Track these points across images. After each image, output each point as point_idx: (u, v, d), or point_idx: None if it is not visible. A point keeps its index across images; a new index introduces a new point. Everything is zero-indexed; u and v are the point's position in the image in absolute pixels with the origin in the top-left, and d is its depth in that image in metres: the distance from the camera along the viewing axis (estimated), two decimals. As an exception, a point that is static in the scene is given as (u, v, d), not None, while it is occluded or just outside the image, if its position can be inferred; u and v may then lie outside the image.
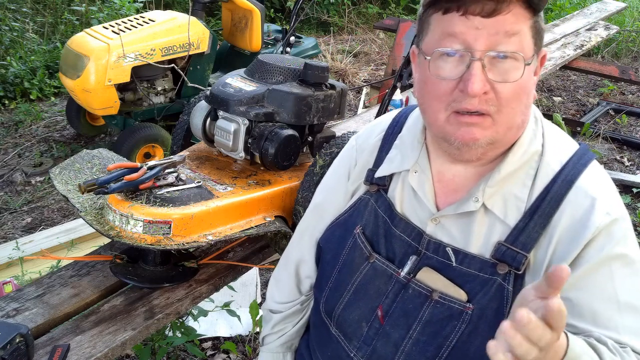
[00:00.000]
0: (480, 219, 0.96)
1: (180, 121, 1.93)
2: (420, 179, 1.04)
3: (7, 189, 3.69)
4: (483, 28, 0.85)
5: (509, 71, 0.87)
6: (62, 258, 2.44)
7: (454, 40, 0.88)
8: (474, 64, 0.86)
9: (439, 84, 0.90)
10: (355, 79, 5.67)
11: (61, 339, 1.31)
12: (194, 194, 1.48)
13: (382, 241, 1.07)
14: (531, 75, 0.91)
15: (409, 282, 1.01)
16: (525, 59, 0.87)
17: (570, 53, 3.97)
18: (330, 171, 1.27)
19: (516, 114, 0.91)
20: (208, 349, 2.45)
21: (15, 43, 5.31)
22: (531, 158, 0.96)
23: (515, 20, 0.86)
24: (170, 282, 1.52)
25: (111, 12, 5.35)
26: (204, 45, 3.80)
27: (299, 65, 1.69)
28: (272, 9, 7.14)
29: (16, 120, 4.53)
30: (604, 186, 0.95)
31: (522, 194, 0.95)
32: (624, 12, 6.47)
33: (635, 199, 3.75)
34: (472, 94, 0.86)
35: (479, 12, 0.85)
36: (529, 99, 0.92)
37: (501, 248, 0.93)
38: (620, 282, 0.88)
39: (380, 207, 1.09)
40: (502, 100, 0.88)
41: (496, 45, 0.86)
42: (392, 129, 1.15)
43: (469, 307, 0.94)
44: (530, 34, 0.88)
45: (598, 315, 0.88)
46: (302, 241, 1.27)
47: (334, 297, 1.11)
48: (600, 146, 4.46)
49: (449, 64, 0.89)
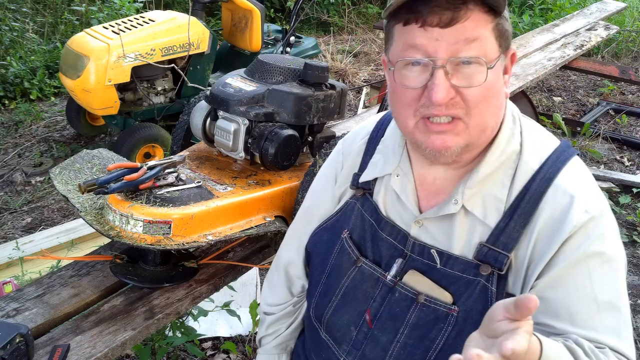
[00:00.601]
0: (461, 221, 0.96)
1: (180, 121, 1.93)
2: (403, 183, 1.04)
3: (7, 189, 3.69)
4: (442, 39, 0.86)
5: (472, 75, 0.87)
6: (62, 258, 2.44)
7: (415, 51, 0.89)
8: (437, 72, 0.87)
9: (406, 92, 0.92)
10: (355, 79, 5.67)
11: (61, 339, 1.31)
12: (194, 194, 1.48)
13: (369, 245, 1.07)
14: (499, 76, 0.91)
15: (395, 285, 1.01)
16: (488, 63, 0.87)
17: (570, 53, 3.97)
18: (319, 175, 1.27)
19: (487, 116, 0.91)
20: (208, 349, 2.45)
21: (15, 43, 5.31)
22: (509, 158, 0.96)
23: (474, 26, 0.86)
24: (170, 282, 1.52)
25: (111, 12, 5.35)
26: (204, 45, 3.80)
27: (299, 65, 1.69)
28: (272, 9, 7.13)
29: (16, 120, 4.53)
30: (583, 183, 0.94)
31: (501, 194, 0.95)
32: (624, 12, 6.46)
33: (635, 199, 3.75)
34: (437, 102, 0.87)
35: (437, 23, 0.86)
36: (499, 99, 0.93)
37: (483, 249, 0.93)
38: (598, 280, 0.88)
39: (366, 211, 1.09)
40: (469, 103, 0.88)
41: (457, 52, 0.87)
42: (376, 133, 1.15)
43: (454, 310, 0.94)
44: (493, 37, 0.89)
45: (575, 315, 0.88)
46: (292, 244, 1.28)
47: (323, 302, 1.11)
48: (600, 146, 4.46)
49: (413, 72, 0.90)
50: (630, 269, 3.10)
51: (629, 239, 3.33)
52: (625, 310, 0.89)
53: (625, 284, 0.92)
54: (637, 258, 3.20)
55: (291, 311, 1.30)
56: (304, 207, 1.28)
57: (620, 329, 0.88)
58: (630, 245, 3.29)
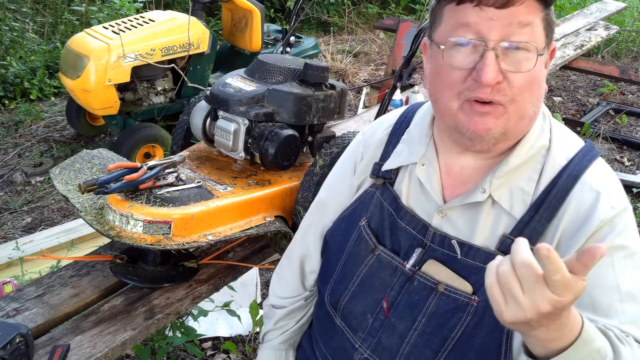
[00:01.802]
0: (487, 211, 0.97)
1: (180, 121, 1.93)
2: (428, 172, 1.04)
3: (7, 189, 3.68)
4: (496, 19, 0.87)
5: (521, 61, 0.88)
6: (62, 258, 2.44)
7: (467, 30, 0.89)
8: (488, 53, 0.87)
9: (452, 72, 0.91)
10: (355, 79, 5.66)
11: (61, 339, 1.31)
12: (194, 194, 1.48)
13: (388, 233, 1.08)
14: (542, 67, 0.92)
15: (414, 274, 1.01)
16: (537, 50, 0.89)
17: (570, 53, 3.97)
18: (336, 167, 1.28)
19: (528, 105, 0.92)
20: (208, 349, 2.45)
21: (15, 43, 5.31)
22: (538, 152, 0.97)
23: (527, 11, 0.87)
24: (170, 282, 1.52)
25: (111, 12, 5.34)
26: (204, 45, 3.80)
27: (299, 65, 1.69)
28: (272, 9, 7.13)
29: (16, 120, 4.53)
30: (608, 181, 0.96)
31: (528, 187, 0.95)
32: (624, 12, 6.47)
33: (635, 199, 3.75)
34: (486, 83, 0.87)
35: (493, 3, 0.86)
36: (540, 90, 0.93)
37: (506, 241, 0.94)
38: (621, 272, 0.89)
39: (385, 200, 1.10)
40: (514, 89, 0.89)
41: (509, 36, 0.87)
42: (400, 124, 1.16)
43: (474, 300, 0.95)
44: (542, 26, 0.90)
45: (598, 303, 0.88)
46: (307, 237, 1.28)
47: (339, 289, 1.11)
48: (600, 146, 4.46)
49: (461, 53, 0.90)
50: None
51: (629, 239, 3.33)
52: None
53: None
54: (637, 258, 3.19)
55: (302, 305, 1.30)
56: (319, 199, 1.28)
57: None
58: (630, 245, 3.29)
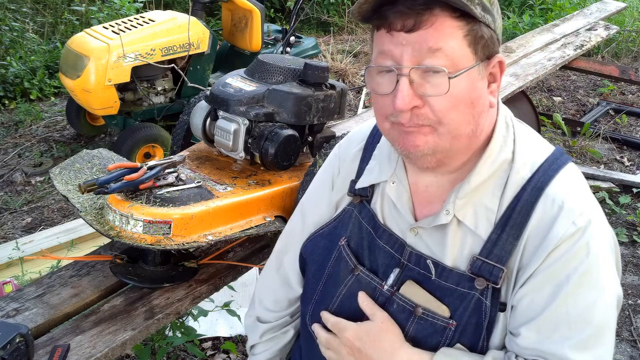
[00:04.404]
0: (454, 231, 0.95)
1: (180, 121, 1.93)
2: (398, 190, 1.03)
3: (7, 189, 3.69)
4: (407, 44, 0.86)
5: (439, 85, 0.86)
6: (62, 258, 2.44)
7: (385, 57, 0.89)
8: (401, 79, 0.87)
9: (379, 98, 0.92)
10: (355, 79, 5.66)
11: (61, 339, 1.31)
12: (194, 194, 1.48)
13: (366, 253, 1.06)
14: (474, 85, 0.89)
15: (392, 295, 1.00)
16: (453, 73, 0.85)
17: (570, 53, 3.97)
18: (318, 176, 1.26)
19: (460, 124, 0.89)
20: (208, 349, 2.45)
21: (15, 43, 5.31)
22: (500, 167, 0.95)
23: (438, 35, 0.85)
24: (170, 282, 1.51)
25: (111, 12, 5.35)
26: (204, 45, 3.80)
27: (299, 65, 1.69)
28: (272, 9, 7.13)
29: (16, 120, 4.53)
30: (574, 191, 0.92)
31: (492, 205, 0.94)
32: (624, 12, 6.46)
33: (635, 199, 3.75)
34: (399, 109, 0.87)
35: (401, 27, 0.86)
36: (476, 108, 0.90)
37: (477, 262, 0.92)
38: (572, 294, 0.87)
39: (364, 219, 1.08)
40: (437, 113, 0.88)
41: (422, 60, 0.86)
42: (372, 138, 1.14)
43: (452, 324, 0.94)
44: (465, 44, 0.86)
45: (543, 324, 0.88)
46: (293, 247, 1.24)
47: (319, 310, 1.10)
48: (600, 146, 4.46)
49: (385, 79, 0.91)
50: (630, 269, 3.10)
51: (629, 239, 3.33)
52: (599, 324, 0.87)
53: (609, 295, 0.89)
54: (637, 258, 3.19)
55: (287, 321, 1.27)
56: (300, 205, 1.27)
57: (587, 343, 0.87)
58: (630, 245, 3.29)
